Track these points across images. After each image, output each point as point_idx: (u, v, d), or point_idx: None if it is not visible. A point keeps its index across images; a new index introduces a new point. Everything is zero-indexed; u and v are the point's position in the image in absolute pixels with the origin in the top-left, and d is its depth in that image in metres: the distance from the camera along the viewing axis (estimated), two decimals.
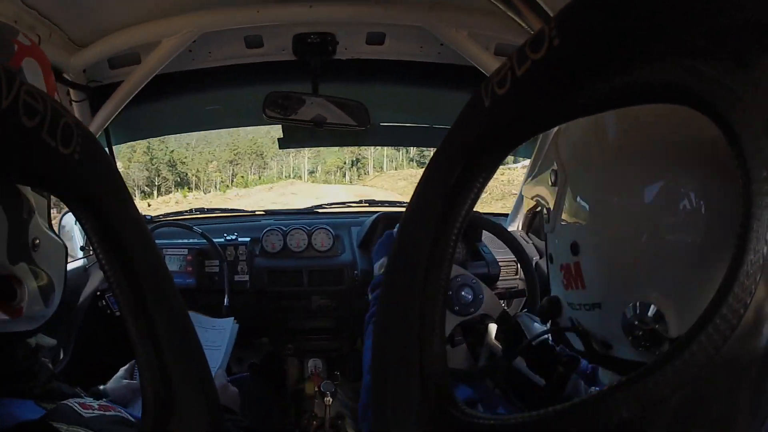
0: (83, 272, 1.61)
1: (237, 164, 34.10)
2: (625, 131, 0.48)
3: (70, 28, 1.28)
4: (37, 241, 0.58)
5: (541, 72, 0.32)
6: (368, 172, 31.60)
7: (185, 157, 32.06)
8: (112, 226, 0.36)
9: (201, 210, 2.11)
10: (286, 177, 31.79)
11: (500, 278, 1.65)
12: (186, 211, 2.13)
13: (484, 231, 1.69)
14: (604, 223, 0.49)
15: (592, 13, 0.30)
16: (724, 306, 0.27)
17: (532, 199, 0.66)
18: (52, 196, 0.65)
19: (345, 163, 32.21)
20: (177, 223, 1.73)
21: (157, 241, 0.44)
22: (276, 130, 1.92)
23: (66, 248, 0.67)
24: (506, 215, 1.99)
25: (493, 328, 1.38)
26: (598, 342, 0.53)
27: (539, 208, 0.64)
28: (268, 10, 1.31)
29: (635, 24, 0.29)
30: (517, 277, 1.72)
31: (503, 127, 0.35)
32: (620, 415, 0.27)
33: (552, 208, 0.58)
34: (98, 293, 1.57)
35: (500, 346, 1.35)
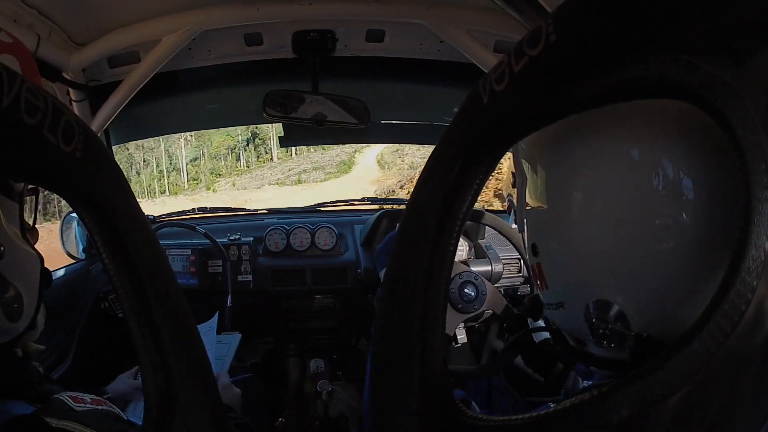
0: (86, 274, 1.61)
1: None
2: (568, 128, 0.46)
3: (69, 27, 1.27)
4: (2, 249, 0.53)
5: (538, 68, 0.32)
6: (270, 150, 23.31)
7: None
8: (115, 225, 0.36)
9: (204, 209, 2.12)
10: (160, 173, 23.40)
11: (503, 276, 1.65)
12: (188, 211, 2.14)
13: (487, 228, 1.68)
14: (557, 223, 0.48)
15: (589, 10, 0.30)
16: (726, 302, 0.27)
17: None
18: (25, 202, 0.61)
19: (238, 142, 23.67)
20: (180, 223, 1.73)
21: (160, 242, 0.44)
22: None
23: (41, 259, 0.61)
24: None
25: (494, 326, 1.39)
26: (572, 339, 0.52)
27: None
28: (267, 8, 1.31)
29: (632, 20, 0.29)
30: (521, 274, 1.71)
31: (502, 124, 0.35)
32: (621, 414, 0.27)
33: (517, 210, 0.58)
34: (101, 295, 1.57)
35: (502, 345, 1.35)
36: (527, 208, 0.54)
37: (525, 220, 0.55)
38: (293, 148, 22.61)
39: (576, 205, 0.46)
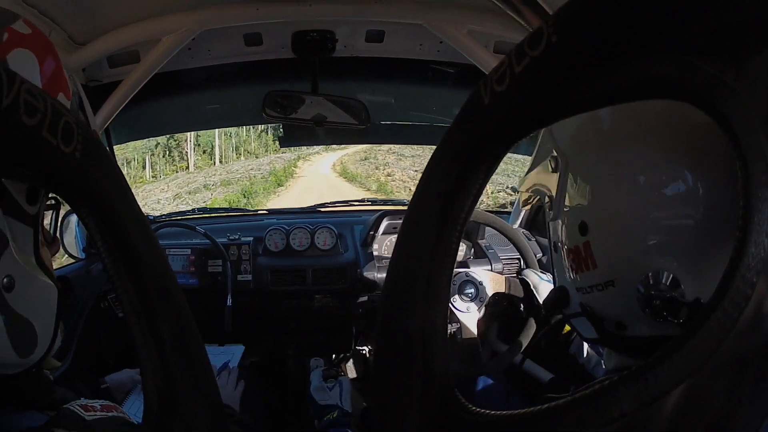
0: (86, 273, 1.61)
1: None
2: (619, 119, 0.49)
3: (69, 26, 1.27)
4: (9, 280, 0.47)
5: (539, 69, 0.32)
6: (186, 155, 17.96)
7: None
8: (115, 225, 0.36)
9: (204, 210, 2.12)
10: None
11: (503, 275, 1.65)
12: (189, 211, 2.14)
13: (487, 228, 1.69)
14: (610, 200, 0.49)
15: (590, 11, 0.30)
16: (726, 299, 0.27)
17: (528, 191, 0.67)
18: (40, 223, 0.54)
19: (146, 144, 16.96)
20: (180, 223, 1.73)
21: (160, 242, 0.44)
22: None
23: (59, 289, 0.55)
24: (509, 213, 1.99)
25: (494, 326, 1.39)
26: (612, 324, 0.52)
27: (541, 202, 0.64)
28: (267, 8, 1.31)
29: (632, 21, 0.29)
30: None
31: (503, 124, 0.35)
32: (621, 409, 0.27)
33: (554, 195, 0.58)
34: (101, 294, 1.57)
35: (501, 344, 1.36)
36: (571, 188, 0.54)
37: (565, 204, 0.55)
38: (216, 154, 18.85)
39: (627, 188, 0.48)
